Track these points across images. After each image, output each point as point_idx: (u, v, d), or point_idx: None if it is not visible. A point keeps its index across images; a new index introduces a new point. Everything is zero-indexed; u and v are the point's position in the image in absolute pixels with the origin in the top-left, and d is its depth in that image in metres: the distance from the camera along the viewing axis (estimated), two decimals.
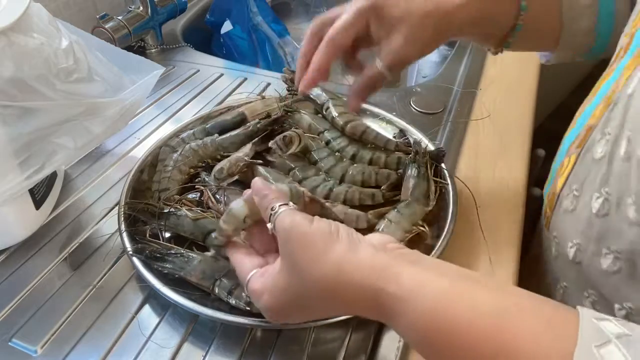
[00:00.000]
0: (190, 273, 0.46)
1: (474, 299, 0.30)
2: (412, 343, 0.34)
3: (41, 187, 0.54)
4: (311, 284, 0.34)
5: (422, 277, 0.32)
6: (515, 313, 0.29)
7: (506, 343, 0.28)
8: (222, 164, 0.58)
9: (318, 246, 0.34)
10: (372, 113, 0.70)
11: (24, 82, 0.44)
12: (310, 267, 0.34)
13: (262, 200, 0.40)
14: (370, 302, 0.33)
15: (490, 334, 0.28)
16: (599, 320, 0.27)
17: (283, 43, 1.10)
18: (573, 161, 0.47)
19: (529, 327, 0.28)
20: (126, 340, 0.44)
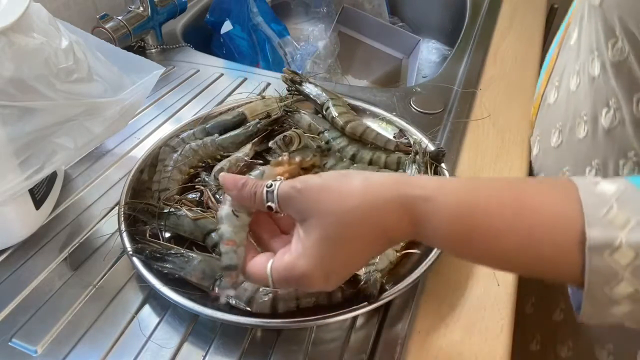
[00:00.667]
0: (190, 273, 0.46)
1: (489, 182, 0.35)
2: (445, 241, 0.35)
3: (41, 187, 0.54)
4: (347, 221, 0.34)
5: (438, 179, 0.35)
6: (524, 182, 0.35)
7: (526, 203, 0.32)
8: (222, 164, 0.58)
9: (336, 187, 0.35)
10: (372, 113, 0.70)
11: (24, 82, 0.44)
12: (341, 204, 0.34)
13: (242, 190, 0.39)
14: (401, 212, 0.34)
15: (511, 202, 0.32)
16: (595, 185, 0.31)
17: (283, 43, 1.10)
18: (554, 58, 0.58)
19: (539, 188, 0.33)
20: (126, 341, 0.44)
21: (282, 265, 0.37)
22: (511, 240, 0.32)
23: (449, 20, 1.24)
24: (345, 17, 1.20)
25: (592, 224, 0.29)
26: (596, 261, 0.29)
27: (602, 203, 0.30)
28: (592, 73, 0.48)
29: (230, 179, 0.39)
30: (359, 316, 0.47)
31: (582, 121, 0.50)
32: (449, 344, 0.45)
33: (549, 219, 0.31)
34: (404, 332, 0.46)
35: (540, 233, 0.31)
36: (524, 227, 0.31)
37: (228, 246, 0.39)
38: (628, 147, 0.47)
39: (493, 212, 0.32)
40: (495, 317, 0.47)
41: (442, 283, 0.50)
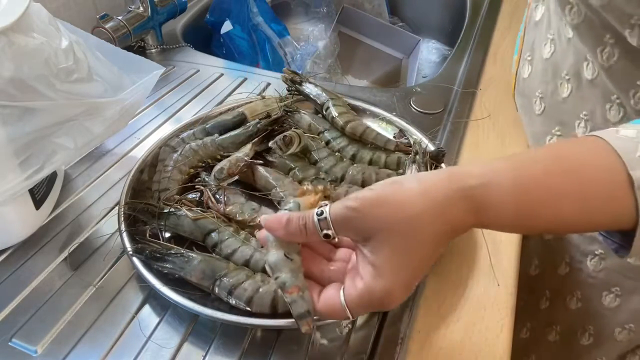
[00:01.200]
0: (190, 273, 0.46)
1: (528, 156, 0.36)
2: (509, 220, 0.35)
3: (41, 187, 0.54)
4: (411, 229, 0.34)
5: (482, 164, 0.36)
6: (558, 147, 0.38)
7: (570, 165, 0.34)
8: (222, 164, 0.58)
9: (392, 197, 0.35)
10: (372, 113, 0.70)
11: (24, 82, 0.44)
12: (403, 213, 0.34)
13: (288, 226, 0.37)
14: (463, 204, 0.34)
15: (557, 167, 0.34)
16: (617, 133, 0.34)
17: (283, 43, 1.10)
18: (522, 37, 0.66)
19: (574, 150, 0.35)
20: (126, 341, 0.44)
21: (358, 292, 0.35)
22: (569, 203, 0.34)
23: (449, 20, 1.24)
24: (345, 17, 1.20)
25: (634, 166, 0.32)
26: None
27: (632, 146, 0.32)
28: (567, 35, 0.54)
29: (273, 220, 0.38)
30: (360, 316, 0.47)
31: (564, 81, 0.56)
32: (449, 344, 0.45)
33: (594, 173, 0.33)
34: (404, 332, 0.46)
35: (591, 188, 0.33)
36: (575, 188, 0.33)
37: (294, 294, 0.37)
38: (610, 92, 0.52)
39: (545, 181, 0.34)
40: (495, 317, 0.47)
41: (442, 283, 0.50)
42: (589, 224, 0.36)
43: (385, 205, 0.34)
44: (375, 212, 0.34)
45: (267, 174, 0.58)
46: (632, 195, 0.32)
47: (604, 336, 0.64)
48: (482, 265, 0.52)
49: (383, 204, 0.35)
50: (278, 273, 0.38)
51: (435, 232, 0.35)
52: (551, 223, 0.36)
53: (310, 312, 0.37)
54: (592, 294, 0.61)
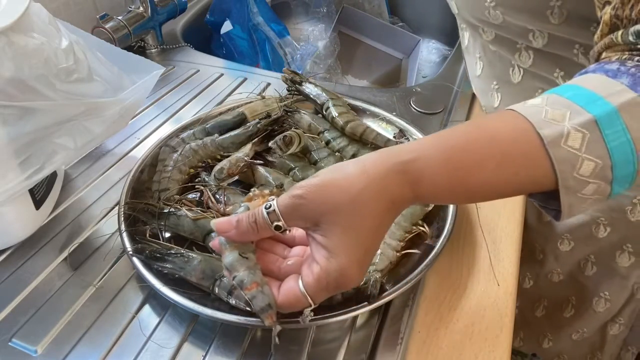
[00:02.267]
0: (190, 273, 0.46)
1: (450, 130, 0.39)
2: (442, 189, 0.38)
3: (41, 187, 0.54)
4: (356, 207, 0.36)
5: (416, 142, 0.39)
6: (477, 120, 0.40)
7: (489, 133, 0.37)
8: (222, 164, 0.58)
9: (335, 180, 0.36)
10: (372, 113, 0.70)
11: (24, 82, 0.44)
12: (346, 193, 0.36)
13: (239, 225, 0.39)
14: (400, 178, 0.36)
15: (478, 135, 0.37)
16: (524, 104, 0.37)
17: (283, 43, 1.10)
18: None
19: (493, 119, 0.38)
20: (126, 340, 0.44)
21: (315, 276, 0.36)
22: (492, 167, 0.36)
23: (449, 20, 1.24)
24: (345, 17, 1.19)
25: (541, 126, 0.35)
26: (557, 152, 0.34)
27: (538, 111, 0.36)
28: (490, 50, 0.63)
29: (224, 222, 0.39)
30: (359, 316, 0.47)
31: (494, 91, 0.66)
32: (449, 344, 0.45)
33: (511, 136, 0.36)
34: (404, 332, 0.46)
35: (510, 151, 0.36)
36: (495, 151, 0.36)
37: (253, 290, 0.38)
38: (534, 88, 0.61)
39: (468, 148, 0.37)
40: (495, 317, 0.47)
41: (442, 283, 0.50)
42: (516, 185, 0.37)
43: (329, 188, 0.36)
44: (320, 197, 0.36)
45: (267, 174, 0.58)
46: (545, 153, 0.34)
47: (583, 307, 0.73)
48: (482, 265, 0.52)
49: (327, 188, 0.36)
50: (235, 272, 0.39)
51: (378, 208, 0.36)
52: (482, 189, 0.38)
53: (271, 306, 0.38)
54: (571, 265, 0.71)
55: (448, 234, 0.50)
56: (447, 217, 0.52)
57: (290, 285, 0.38)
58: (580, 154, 0.34)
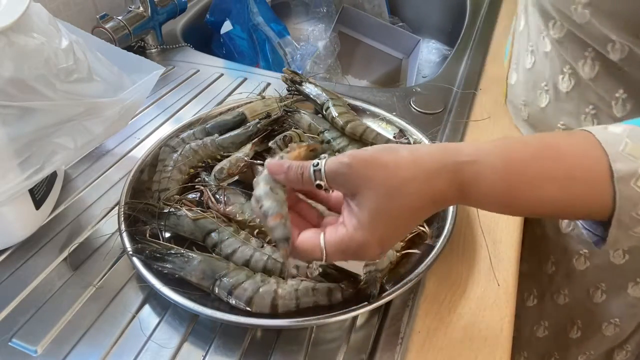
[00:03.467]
0: (190, 273, 0.46)
1: (519, 140, 0.39)
2: (493, 198, 0.37)
3: (41, 187, 0.54)
4: (398, 192, 0.36)
5: (475, 144, 0.38)
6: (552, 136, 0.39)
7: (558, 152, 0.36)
8: (222, 164, 0.58)
9: (388, 160, 0.37)
10: (372, 113, 0.70)
11: (24, 82, 0.44)
12: (392, 177, 0.36)
13: (289, 172, 0.40)
14: (450, 178, 0.36)
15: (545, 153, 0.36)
16: (605, 129, 0.36)
17: (283, 43, 1.10)
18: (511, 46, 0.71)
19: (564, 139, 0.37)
20: (126, 340, 0.44)
21: (338, 237, 0.37)
22: (553, 187, 0.35)
23: (449, 20, 1.24)
24: (345, 17, 1.19)
25: (615, 159, 0.34)
26: (624, 190, 0.33)
27: (617, 141, 0.34)
28: (544, 49, 0.59)
29: (276, 164, 0.41)
30: (359, 316, 0.47)
31: (543, 91, 0.61)
32: (449, 344, 0.45)
33: (579, 160, 0.35)
34: (404, 332, 0.46)
35: (575, 175, 0.35)
36: (560, 172, 0.35)
37: (276, 220, 0.39)
38: (585, 103, 0.56)
39: (532, 164, 0.36)
40: (495, 317, 0.47)
41: (442, 283, 0.50)
42: (569, 209, 0.37)
43: (377, 167, 0.37)
44: (365, 172, 0.37)
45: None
46: (611, 186, 0.34)
47: (591, 330, 0.68)
48: (482, 265, 0.52)
49: (375, 165, 0.37)
50: (263, 202, 0.39)
51: (417, 201, 0.37)
52: (533, 205, 0.37)
53: (289, 240, 0.39)
54: (579, 291, 0.66)
55: (448, 234, 0.50)
56: (447, 217, 0.52)
57: (310, 235, 0.39)
58: None
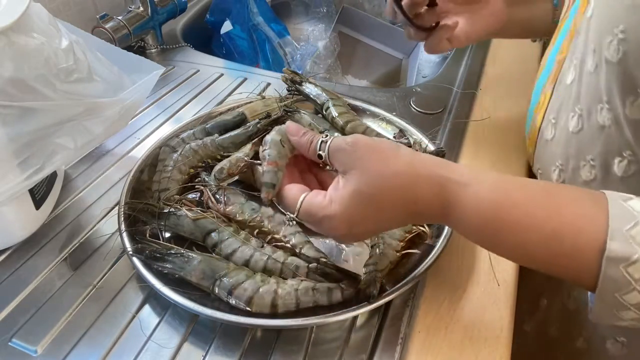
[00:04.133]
0: (190, 273, 0.46)
1: (523, 182, 0.38)
2: (472, 227, 0.38)
3: (41, 187, 0.54)
4: (384, 183, 0.37)
5: (476, 171, 0.38)
6: (558, 187, 0.38)
7: (556, 206, 0.34)
8: (222, 164, 0.58)
9: (387, 149, 0.39)
10: (372, 113, 0.70)
11: (24, 82, 0.44)
12: (384, 166, 0.38)
13: (302, 137, 0.43)
14: (437, 190, 0.37)
15: (542, 202, 0.35)
16: (625, 201, 0.33)
17: (283, 43, 1.10)
18: (549, 95, 0.55)
19: (571, 195, 0.35)
20: (126, 340, 0.44)
21: (314, 201, 0.40)
22: (534, 236, 0.34)
23: None
24: (345, 17, 1.19)
25: (614, 237, 0.31)
26: (611, 271, 0.31)
27: (629, 218, 0.32)
28: (600, 121, 0.46)
29: (294, 126, 0.44)
30: (359, 316, 0.47)
31: (588, 164, 0.49)
32: (449, 344, 0.45)
33: (575, 222, 0.33)
34: (404, 332, 0.46)
35: (563, 233, 0.33)
36: (549, 226, 0.34)
37: (271, 166, 0.44)
38: None
39: (522, 207, 0.35)
40: (495, 317, 0.47)
41: (442, 283, 0.50)
42: (550, 267, 0.36)
43: (375, 152, 0.38)
44: (362, 153, 0.39)
45: None
46: (597, 261, 0.32)
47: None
48: (482, 265, 0.52)
49: (374, 150, 0.39)
50: (268, 148, 0.44)
51: (398, 197, 0.38)
52: (511, 249, 0.37)
53: (275, 186, 0.43)
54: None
55: (448, 234, 0.50)
56: None
57: (295, 189, 0.42)
58: (635, 285, 0.31)
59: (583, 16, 0.49)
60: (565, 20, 0.55)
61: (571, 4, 0.55)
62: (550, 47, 0.58)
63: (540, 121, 0.56)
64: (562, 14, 0.57)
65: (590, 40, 0.46)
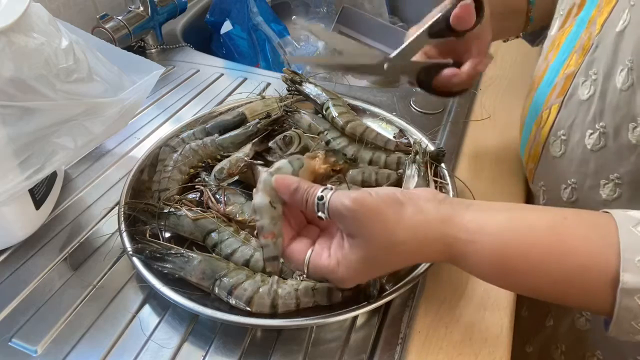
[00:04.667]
0: (190, 273, 0.46)
1: (529, 223, 0.37)
2: (483, 275, 0.39)
3: (41, 187, 0.54)
4: (392, 250, 0.38)
5: (482, 218, 0.38)
6: (564, 224, 0.36)
7: (564, 248, 0.34)
8: (222, 164, 0.58)
9: (390, 216, 0.38)
10: (372, 113, 0.70)
11: (24, 82, 0.44)
12: (390, 235, 0.37)
13: (295, 194, 0.41)
14: (443, 248, 0.38)
15: (550, 247, 0.35)
16: (635, 227, 0.33)
17: (283, 43, 1.10)
18: (556, 110, 0.52)
19: (579, 232, 0.35)
20: (126, 340, 0.44)
21: (321, 263, 0.40)
22: (544, 280, 0.35)
23: None
24: (345, 17, 1.19)
25: (627, 269, 0.32)
26: (626, 301, 0.32)
27: (639, 246, 0.32)
28: (634, 140, 0.44)
29: (282, 182, 0.41)
30: (359, 316, 0.47)
31: (612, 183, 0.47)
32: (449, 344, 0.45)
33: (584, 262, 0.34)
34: (404, 332, 0.46)
35: (573, 274, 0.34)
36: (558, 269, 0.34)
37: (267, 239, 0.42)
38: None
39: (529, 256, 0.35)
40: (495, 317, 0.47)
41: (442, 283, 0.50)
42: (564, 302, 0.37)
43: (378, 221, 0.37)
44: (366, 222, 0.37)
45: None
46: (612, 293, 0.32)
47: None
48: None
49: (377, 218, 0.37)
50: (259, 217, 0.42)
51: (406, 260, 0.40)
52: (524, 291, 0.39)
53: (277, 258, 0.42)
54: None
55: None
56: None
57: (299, 248, 0.42)
58: None
59: (603, 29, 0.46)
60: (569, 31, 0.53)
61: (576, 13, 0.52)
62: (549, 58, 0.56)
63: (545, 137, 0.54)
64: (560, 24, 0.55)
65: (623, 55, 0.43)
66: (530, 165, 0.58)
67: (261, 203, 0.42)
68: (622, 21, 0.44)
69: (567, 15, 0.54)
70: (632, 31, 0.42)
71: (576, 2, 0.52)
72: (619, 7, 0.45)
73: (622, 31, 0.43)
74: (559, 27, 0.55)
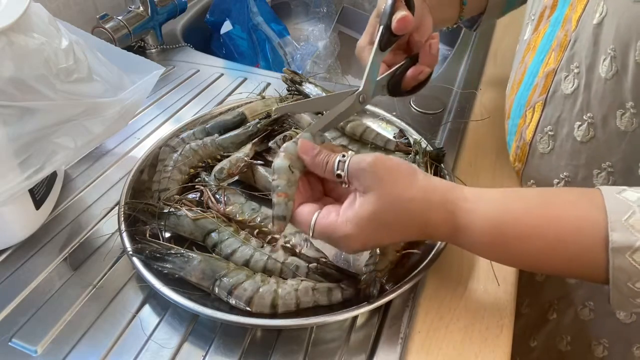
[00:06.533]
0: (190, 273, 0.46)
1: (521, 194, 0.41)
2: (482, 247, 0.41)
3: (41, 187, 0.54)
4: (401, 207, 0.39)
5: (479, 191, 0.41)
6: (554, 192, 0.40)
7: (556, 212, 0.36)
8: (222, 164, 0.58)
9: (404, 174, 0.40)
10: (372, 113, 0.70)
11: (24, 82, 0.44)
12: (402, 191, 0.39)
13: (317, 157, 0.43)
14: (446, 216, 0.40)
15: (542, 210, 0.37)
16: (619, 193, 0.35)
17: (283, 43, 1.10)
18: (540, 108, 0.54)
19: (568, 198, 0.38)
20: (126, 340, 0.44)
21: (328, 222, 0.41)
22: (539, 244, 0.36)
23: None
24: (345, 17, 1.20)
25: (615, 228, 0.33)
26: (618, 261, 0.33)
27: (624, 209, 0.33)
28: (622, 127, 0.45)
29: (307, 144, 0.44)
30: (359, 316, 0.47)
31: (605, 172, 0.48)
32: (449, 344, 0.45)
33: (575, 224, 0.35)
34: (404, 332, 0.46)
35: (566, 237, 0.35)
36: (551, 232, 0.36)
37: (280, 198, 0.43)
38: None
39: (523, 220, 0.37)
40: (495, 317, 0.47)
41: (442, 283, 0.50)
42: (560, 268, 0.38)
43: (395, 176, 0.40)
44: (383, 175, 0.39)
45: (267, 174, 0.58)
46: (604, 254, 0.33)
47: None
48: (482, 265, 0.52)
49: (394, 172, 0.40)
50: (276, 177, 0.43)
51: (410, 220, 0.40)
52: (521, 259, 0.40)
53: (285, 218, 0.43)
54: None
55: None
56: None
57: (307, 210, 0.43)
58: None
59: (579, 24, 0.47)
60: (544, 32, 0.53)
61: (549, 15, 0.53)
62: (526, 61, 0.57)
63: (531, 135, 0.55)
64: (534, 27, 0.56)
65: (604, 45, 0.44)
66: (517, 166, 0.60)
67: (281, 165, 0.43)
68: (598, 14, 0.45)
69: (540, 18, 0.55)
70: (611, 21, 0.44)
71: (547, 4, 0.54)
72: (592, 1, 0.46)
73: (600, 23, 0.45)
74: (532, 31, 0.57)
